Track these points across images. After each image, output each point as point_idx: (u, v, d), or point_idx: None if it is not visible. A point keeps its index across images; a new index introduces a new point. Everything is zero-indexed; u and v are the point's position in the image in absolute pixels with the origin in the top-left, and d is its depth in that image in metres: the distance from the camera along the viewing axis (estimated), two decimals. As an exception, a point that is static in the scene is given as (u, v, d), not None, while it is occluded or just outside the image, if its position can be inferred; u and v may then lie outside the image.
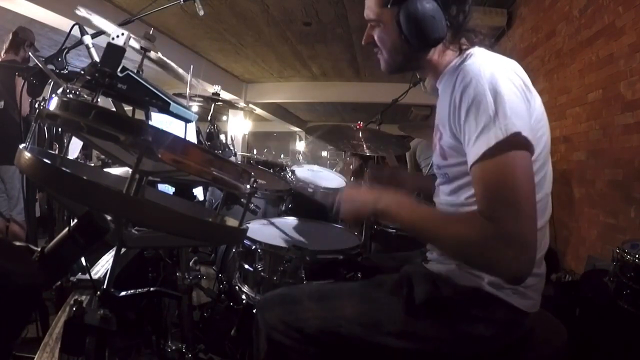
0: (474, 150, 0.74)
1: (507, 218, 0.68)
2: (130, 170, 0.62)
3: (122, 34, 0.90)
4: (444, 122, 0.85)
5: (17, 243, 0.64)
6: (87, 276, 1.01)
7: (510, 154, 0.71)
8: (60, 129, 1.24)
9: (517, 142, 0.71)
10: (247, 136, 10.00)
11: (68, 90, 0.85)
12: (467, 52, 0.87)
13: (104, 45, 0.92)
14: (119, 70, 0.91)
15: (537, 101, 0.82)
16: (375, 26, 0.92)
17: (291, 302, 0.94)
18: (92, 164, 3.40)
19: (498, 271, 0.72)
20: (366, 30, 0.95)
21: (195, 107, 2.69)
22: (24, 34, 2.86)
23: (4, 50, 2.82)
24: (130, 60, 0.91)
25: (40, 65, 0.95)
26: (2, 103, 2.70)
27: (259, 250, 1.39)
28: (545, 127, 0.84)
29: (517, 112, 0.73)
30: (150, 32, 1.08)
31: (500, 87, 0.74)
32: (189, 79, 1.37)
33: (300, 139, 13.44)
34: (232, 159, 2.78)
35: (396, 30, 0.86)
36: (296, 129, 13.09)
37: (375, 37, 0.93)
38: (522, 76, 0.80)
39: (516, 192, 0.70)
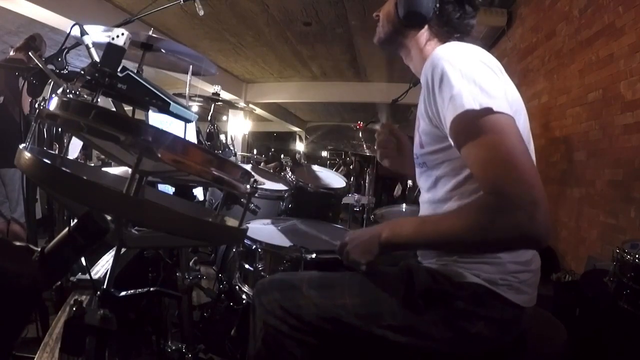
0: (450, 116, 0.73)
1: (507, 182, 0.66)
2: (130, 170, 0.62)
3: (122, 34, 0.89)
4: (421, 109, 0.86)
5: (17, 243, 0.64)
6: (87, 276, 1.01)
7: (491, 118, 0.70)
8: (60, 129, 1.23)
9: (495, 111, 0.70)
10: (247, 136, 10.00)
11: (68, 90, 0.85)
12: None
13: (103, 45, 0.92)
14: (119, 70, 0.90)
15: (511, 85, 0.82)
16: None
17: (290, 288, 0.94)
18: (92, 164, 3.40)
19: (519, 240, 0.68)
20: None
21: (195, 107, 2.69)
22: (39, 43, 2.89)
23: (14, 49, 2.85)
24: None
25: (40, 65, 0.95)
26: (2, 98, 2.69)
27: (259, 250, 1.39)
28: (523, 117, 0.84)
29: (491, 86, 0.73)
30: (150, 33, 1.08)
31: (471, 63, 0.76)
32: (188, 79, 1.38)
33: (301, 139, 13.45)
34: (232, 159, 2.78)
35: (394, 1, 0.95)
36: (296, 129, 13.09)
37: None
38: (494, 60, 0.81)
39: (509, 154, 0.68)
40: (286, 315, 0.90)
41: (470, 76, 0.73)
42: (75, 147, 2.05)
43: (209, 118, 2.52)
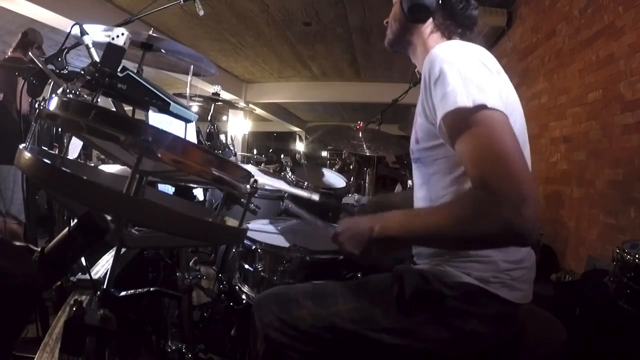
0: (442, 113, 0.73)
1: (496, 177, 0.65)
2: (130, 170, 0.62)
3: (122, 34, 0.89)
4: (419, 105, 0.87)
5: (17, 243, 0.64)
6: (87, 276, 1.01)
7: (483, 114, 0.70)
8: (60, 129, 1.23)
9: (488, 107, 0.70)
10: (247, 136, 10.00)
11: (68, 90, 0.85)
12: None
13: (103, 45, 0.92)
14: (119, 70, 0.90)
15: (509, 86, 0.82)
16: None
17: (286, 300, 0.95)
18: (92, 164, 3.40)
19: (504, 236, 0.66)
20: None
21: (195, 107, 2.69)
22: (33, 36, 2.90)
23: (12, 48, 2.88)
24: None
25: (40, 65, 0.95)
26: (1, 95, 2.70)
27: (259, 250, 1.39)
28: (519, 117, 0.83)
29: (485, 83, 0.73)
30: (150, 32, 1.08)
31: (468, 62, 0.76)
32: (189, 79, 1.38)
33: (301, 139, 13.44)
34: (232, 159, 2.77)
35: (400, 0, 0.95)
36: (296, 129, 13.09)
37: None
38: (492, 60, 0.81)
39: (499, 148, 0.67)
40: (285, 327, 0.91)
41: (466, 74, 0.73)
42: (75, 147, 2.05)
43: (209, 118, 2.52)
